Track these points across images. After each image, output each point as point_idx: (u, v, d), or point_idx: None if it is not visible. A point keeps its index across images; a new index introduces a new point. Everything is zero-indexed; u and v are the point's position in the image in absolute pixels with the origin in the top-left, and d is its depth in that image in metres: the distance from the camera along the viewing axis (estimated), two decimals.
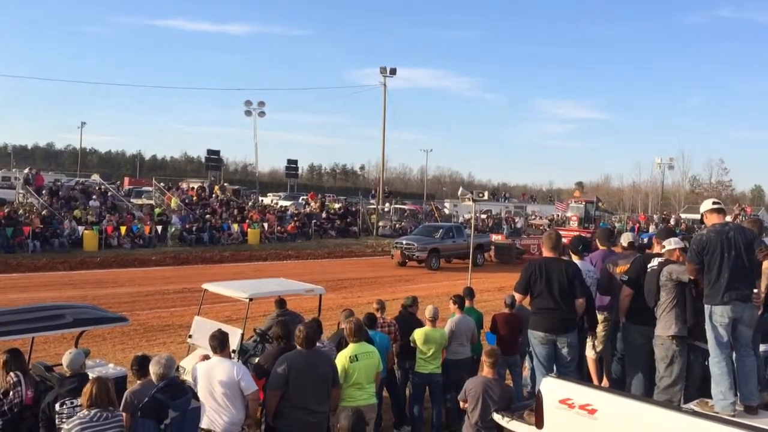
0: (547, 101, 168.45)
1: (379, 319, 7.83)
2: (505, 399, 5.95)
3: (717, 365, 5.27)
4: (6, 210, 23.83)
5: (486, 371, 6.16)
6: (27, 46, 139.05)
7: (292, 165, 51.42)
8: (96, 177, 38.82)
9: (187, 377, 6.45)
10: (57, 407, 5.14)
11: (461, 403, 6.24)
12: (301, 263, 26.18)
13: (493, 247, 28.71)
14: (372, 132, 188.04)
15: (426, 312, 7.81)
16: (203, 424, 5.36)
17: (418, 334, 7.66)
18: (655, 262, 6.30)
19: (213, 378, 5.34)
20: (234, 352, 6.84)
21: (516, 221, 46.62)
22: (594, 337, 7.35)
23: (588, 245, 7.99)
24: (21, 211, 24.65)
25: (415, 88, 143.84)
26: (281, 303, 8.43)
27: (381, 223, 39.14)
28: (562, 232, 32.56)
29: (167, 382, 5.20)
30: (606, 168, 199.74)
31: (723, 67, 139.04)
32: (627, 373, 6.81)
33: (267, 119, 59.54)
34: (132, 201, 33.35)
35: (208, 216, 30.64)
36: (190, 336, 8.26)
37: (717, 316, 5.29)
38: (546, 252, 6.74)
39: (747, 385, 5.16)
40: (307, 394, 5.52)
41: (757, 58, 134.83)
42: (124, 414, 4.91)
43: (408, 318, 8.25)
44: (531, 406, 5.62)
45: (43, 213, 25.07)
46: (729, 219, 6.07)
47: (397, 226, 38.94)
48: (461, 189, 21.69)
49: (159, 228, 27.21)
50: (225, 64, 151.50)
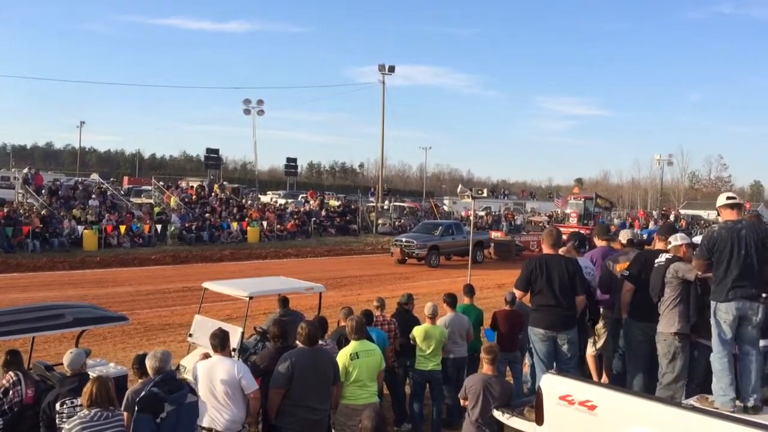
0: (547, 98, 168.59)
1: (379, 317, 7.84)
2: (505, 396, 5.95)
3: (719, 361, 5.28)
4: (5, 210, 23.83)
5: (486, 368, 6.17)
6: (26, 45, 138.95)
7: (291, 163, 51.46)
8: (95, 176, 38.78)
9: (188, 376, 6.45)
10: (57, 407, 5.14)
11: (461, 401, 6.25)
12: (301, 261, 26.19)
13: (493, 244, 28.74)
14: (371, 130, 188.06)
15: (425, 309, 7.81)
16: (204, 422, 5.37)
17: (417, 331, 7.67)
18: (663, 258, 6.28)
19: (214, 377, 5.34)
20: (234, 350, 6.84)
21: (515, 218, 46.62)
22: (593, 333, 7.37)
23: (584, 242, 8.01)
24: (20, 211, 24.63)
25: (414, 85, 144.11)
26: (284, 302, 8.43)
27: (380, 221, 39.14)
28: (561, 228, 32.64)
29: (164, 376, 5.20)
30: (605, 164, 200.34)
31: (722, 63, 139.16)
32: (627, 370, 6.82)
33: (266, 117, 59.41)
34: (131, 200, 33.36)
35: (207, 215, 30.64)
36: (190, 335, 8.26)
37: (721, 312, 5.29)
38: (546, 249, 6.74)
39: (748, 383, 5.16)
40: (310, 392, 5.52)
41: (757, 54, 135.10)
42: (125, 413, 4.92)
43: (405, 315, 8.25)
44: (531, 402, 5.63)
45: (43, 213, 25.05)
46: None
47: (397, 223, 38.95)
48: (460, 186, 21.77)
49: (158, 227, 27.20)
50: (224, 62, 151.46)
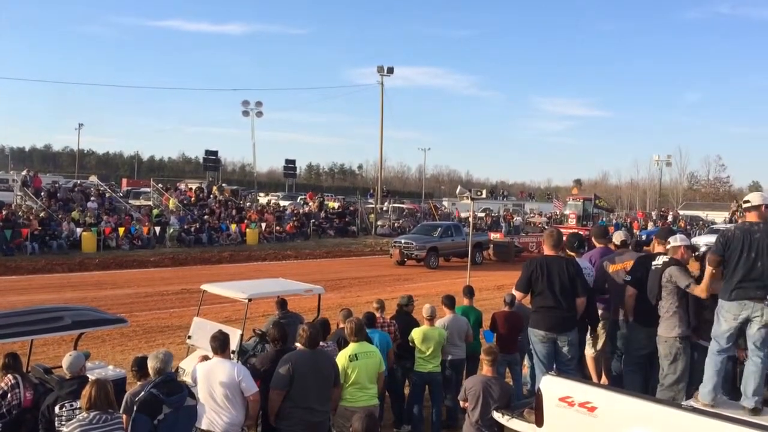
0: (545, 99, 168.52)
1: (379, 319, 7.83)
2: (505, 397, 5.95)
3: (711, 356, 5.37)
4: (4, 212, 23.78)
5: (485, 370, 6.16)
6: (24, 47, 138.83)
7: (290, 165, 51.41)
8: (94, 178, 38.78)
9: (187, 378, 6.44)
10: (57, 409, 5.12)
11: (461, 402, 6.24)
12: (300, 263, 26.17)
13: (492, 246, 28.73)
14: (370, 131, 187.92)
15: (423, 311, 7.80)
16: (203, 424, 5.36)
17: (416, 333, 7.66)
18: (660, 260, 6.30)
19: (213, 379, 5.33)
20: (233, 352, 6.84)
21: (514, 219, 46.63)
22: (593, 335, 7.36)
23: (583, 242, 8.00)
24: (19, 213, 24.59)
25: (413, 86, 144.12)
26: (282, 304, 8.42)
27: (379, 222, 39.14)
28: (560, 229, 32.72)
29: (163, 377, 5.20)
30: (604, 165, 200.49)
31: (721, 64, 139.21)
32: (624, 371, 6.83)
33: (265, 119, 59.66)
34: (130, 202, 33.33)
35: (206, 216, 30.63)
36: (189, 337, 8.25)
37: (723, 311, 5.33)
38: (547, 250, 6.74)
39: (751, 385, 5.16)
40: (310, 393, 5.52)
41: (755, 54, 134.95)
42: (124, 416, 4.90)
43: (405, 317, 8.24)
44: (531, 404, 5.63)
45: (42, 215, 25.04)
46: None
47: (396, 225, 38.95)
48: (459, 187, 21.70)
49: (157, 229, 27.19)
50: (223, 64, 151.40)
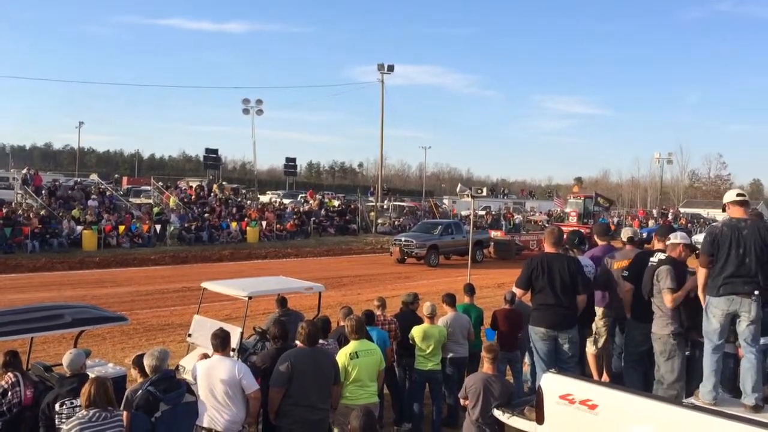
0: (546, 97, 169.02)
1: (380, 317, 7.82)
2: (506, 395, 5.94)
3: (706, 354, 5.38)
4: (5, 210, 23.80)
5: (486, 367, 6.15)
6: (25, 46, 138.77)
7: (290, 163, 51.33)
8: (94, 177, 38.76)
9: (187, 376, 6.44)
10: (57, 407, 5.12)
11: (462, 400, 6.23)
12: (301, 261, 26.17)
13: (493, 244, 28.73)
14: (370, 129, 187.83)
15: (424, 309, 7.80)
16: (204, 422, 5.35)
17: (416, 331, 7.66)
18: (656, 258, 6.31)
19: (214, 377, 5.32)
20: (234, 350, 6.83)
21: (515, 217, 46.61)
22: (590, 332, 7.36)
23: (583, 239, 8.00)
24: (19, 212, 24.59)
25: (414, 85, 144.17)
26: (283, 302, 8.42)
27: (380, 221, 39.15)
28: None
29: (160, 375, 5.20)
30: (605, 163, 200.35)
31: (722, 62, 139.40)
32: (624, 368, 6.83)
33: (265, 117, 59.50)
34: (130, 200, 33.32)
35: (206, 215, 30.63)
36: (189, 335, 8.25)
37: (712, 307, 5.35)
38: (548, 248, 6.73)
39: (749, 382, 5.16)
40: (310, 391, 5.51)
41: (756, 52, 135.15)
42: (124, 413, 4.90)
43: (409, 315, 8.23)
44: (531, 401, 5.62)
45: (42, 213, 25.01)
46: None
47: (396, 223, 38.94)
48: (460, 185, 21.77)
49: (158, 227, 27.18)
50: (223, 62, 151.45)
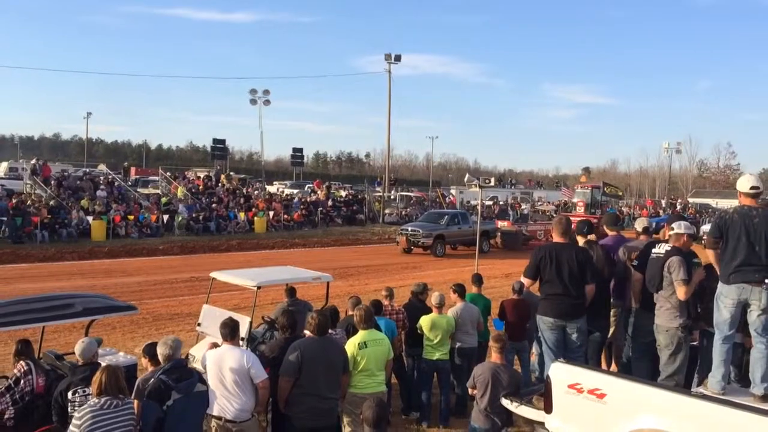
0: (554, 86, 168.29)
1: (387, 306, 7.85)
2: (514, 384, 5.96)
3: (716, 344, 5.38)
4: (14, 201, 23.93)
5: (494, 357, 6.17)
6: (33, 37, 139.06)
7: (297, 153, 51.37)
8: (103, 167, 38.90)
9: (197, 365, 6.48)
10: (69, 395, 5.17)
11: (470, 389, 6.26)
12: (308, 251, 26.23)
13: (500, 234, 28.66)
14: (377, 119, 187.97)
15: (432, 299, 7.82)
16: (214, 411, 5.39)
17: (424, 321, 7.68)
18: (662, 248, 6.27)
19: (223, 365, 5.36)
20: (243, 339, 6.87)
21: (522, 207, 46.51)
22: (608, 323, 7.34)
23: (592, 229, 7.96)
24: (29, 202, 24.73)
25: (421, 74, 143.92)
26: (291, 292, 8.45)
27: (387, 211, 39.15)
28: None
29: (173, 363, 5.23)
30: (613, 153, 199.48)
31: (731, 50, 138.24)
32: (633, 358, 6.82)
33: (272, 108, 59.64)
34: (139, 191, 33.44)
35: (214, 205, 30.71)
36: (198, 324, 8.29)
37: (722, 296, 5.34)
38: (556, 237, 6.72)
39: (759, 372, 5.15)
40: (319, 380, 5.55)
41: (766, 39, 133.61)
42: (135, 401, 4.94)
43: (418, 305, 8.25)
44: (540, 391, 5.64)
45: (51, 203, 25.16)
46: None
47: (403, 213, 38.93)
48: (467, 175, 21.66)
49: (166, 217, 27.29)
50: (231, 52, 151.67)
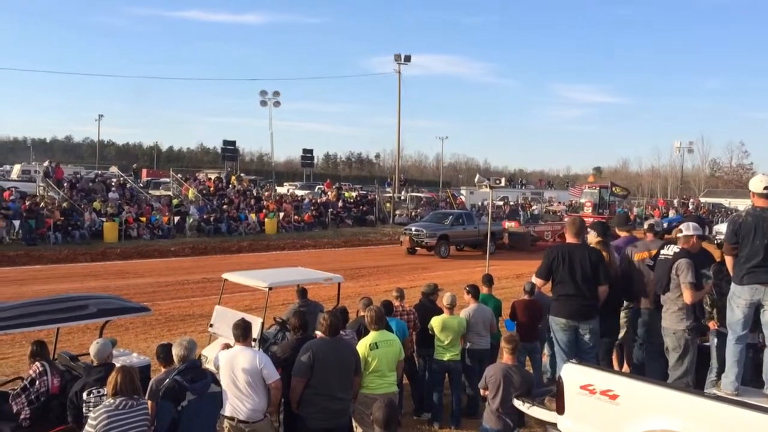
0: (564, 86, 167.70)
1: (398, 307, 7.86)
2: (526, 385, 5.95)
3: (729, 345, 5.37)
4: (28, 203, 24.15)
5: (506, 358, 6.16)
6: (43, 39, 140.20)
7: (307, 154, 51.50)
8: (114, 169, 39.14)
9: (210, 366, 6.52)
10: (84, 396, 5.21)
11: (481, 390, 6.26)
12: (319, 252, 26.28)
13: (508, 234, 28.38)
14: (387, 120, 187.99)
15: (443, 300, 7.82)
16: (226, 411, 5.43)
17: (435, 321, 7.68)
18: (670, 250, 6.24)
19: (236, 366, 5.40)
20: (255, 340, 6.90)
21: (532, 207, 46.36)
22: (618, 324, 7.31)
23: (607, 231, 7.93)
24: (42, 204, 24.94)
25: (431, 75, 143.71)
26: (303, 293, 8.48)
27: (397, 212, 39.14)
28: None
29: (188, 364, 5.27)
30: (624, 152, 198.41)
31: (744, 48, 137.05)
32: (646, 359, 6.80)
33: (282, 109, 59.85)
34: (150, 192, 33.63)
35: (225, 206, 30.83)
36: (211, 325, 8.34)
37: (735, 296, 5.34)
38: (569, 238, 6.70)
39: None
40: (331, 381, 5.56)
41: None
42: (149, 402, 4.99)
43: (428, 306, 8.25)
44: (552, 392, 5.63)
45: (64, 205, 25.36)
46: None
47: (414, 213, 38.90)
48: (478, 176, 21.65)
49: (177, 219, 27.43)
50: (241, 54, 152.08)
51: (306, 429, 5.64)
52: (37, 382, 5.78)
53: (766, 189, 5.38)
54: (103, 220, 25.09)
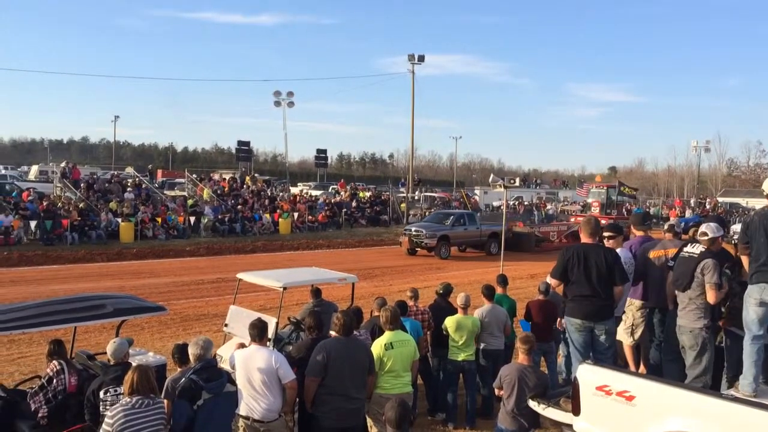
0: (579, 85, 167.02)
1: (413, 307, 7.85)
2: (541, 386, 5.92)
3: (746, 345, 5.34)
4: (45, 203, 24.41)
5: (521, 358, 6.13)
6: (60, 41, 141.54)
7: (321, 154, 51.60)
8: (130, 170, 39.43)
9: (225, 365, 6.55)
10: (101, 394, 5.26)
11: (496, 391, 6.23)
12: (333, 252, 26.33)
13: (512, 235, 27.53)
14: (401, 120, 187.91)
15: (458, 299, 7.80)
16: (241, 410, 5.46)
17: (449, 321, 7.67)
18: (696, 249, 6.18)
19: (251, 366, 5.42)
20: (269, 340, 6.92)
21: (547, 207, 46.13)
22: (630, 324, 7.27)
23: (621, 231, 7.87)
24: (59, 204, 25.19)
25: (444, 74, 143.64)
26: (317, 293, 8.50)
27: (411, 212, 39.09)
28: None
29: (203, 364, 5.30)
30: (640, 152, 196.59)
31: (761, 46, 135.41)
32: (664, 360, 6.74)
33: (296, 109, 59.99)
34: (165, 193, 33.85)
35: (239, 206, 30.97)
36: (226, 325, 8.37)
37: (748, 296, 5.33)
38: (584, 238, 6.66)
39: None
40: (345, 381, 5.57)
41: None
42: (165, 401, 5.02)
43: (443, 306, 8.23)
44: (567, 393, 5.60)
45: (81, 206, 25.60)
46: None
47: (427, 213, 38.81)
48: (492, 176, 21.64)
49: (192, 219, 27.60)
50: (255, 55, 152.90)
51: (320, 428, 5.65)
52: (55, 380, 5.83)
53: None
54: (119, 220, 25.31)
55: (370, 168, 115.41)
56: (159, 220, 26.31)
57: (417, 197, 44.29)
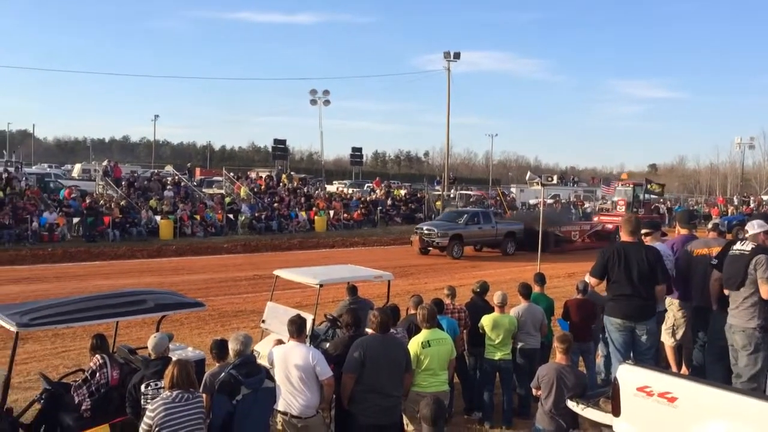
0: (619, 81, 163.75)
1: (449, 305, 7.82)
2: (580, 386, 5.84)
3: None
4: (88, 201, 25.03)
5: (559, 357, 6.06)
6: (103, 42, 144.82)
7: (356, 153, 51.73)
8: (170, 168, 40.13)
9: (263, 361, 6.62)
10: (143, 388, 5.35)
11: (534, 390, 6.17)
12: (368, 250, 26.38)
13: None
14: (436, 118, 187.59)
15: (494, 298, 7.74)
16: (279, 406, 5.50)
17: (486, 320, 7.61)
18: (747, 246, 6.01)
19: (289, 362, 5.46)
20: (306, 337, 6.96)
21: (585, 206, 45.48)
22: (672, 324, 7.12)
23: (659, 227, 7.71)
24: (101, 202, 25.79)
25: (480, 71, 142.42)
26: (353, 290, 8.53)
27: (447, 209, 38.94)
28: (607, 217, 30.66)
29: (243, 359, 5.36)
30: (681, 149, 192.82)
31: None
32: (707, 361, 6.59)
33: (332, 108, 60.33)
34: (204, 191, 34.38)
35: (276, 204, 31.28)
36: (263, 321, 8.45)
37: None
38: (624, 236, 6.55)
39: None
40: (382, 378, 5.57)
41: None
42: (204, 395, 5.09)
43: (480, 304, 8.17)
44: (606, 393, 5.52)
45: (122, 203, 26.17)
46: None
47: None
48: (529, 173, 21.41)
49: (230, 216, 27.96)
50: (293, 54, 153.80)
51: (357, 425, 5.66)
52: (98, 374, 5.96)
53: None
54: (159, 217, 25.79)
55: (405, 166, 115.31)
56: (197, 217, 26.73)
57: (452, 195, 44.10)
